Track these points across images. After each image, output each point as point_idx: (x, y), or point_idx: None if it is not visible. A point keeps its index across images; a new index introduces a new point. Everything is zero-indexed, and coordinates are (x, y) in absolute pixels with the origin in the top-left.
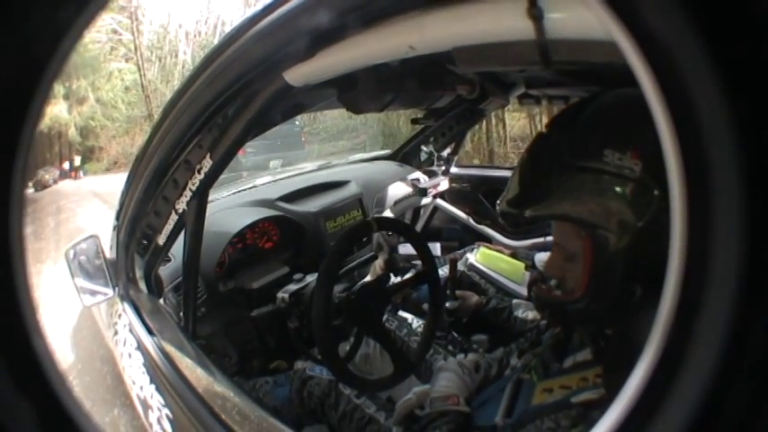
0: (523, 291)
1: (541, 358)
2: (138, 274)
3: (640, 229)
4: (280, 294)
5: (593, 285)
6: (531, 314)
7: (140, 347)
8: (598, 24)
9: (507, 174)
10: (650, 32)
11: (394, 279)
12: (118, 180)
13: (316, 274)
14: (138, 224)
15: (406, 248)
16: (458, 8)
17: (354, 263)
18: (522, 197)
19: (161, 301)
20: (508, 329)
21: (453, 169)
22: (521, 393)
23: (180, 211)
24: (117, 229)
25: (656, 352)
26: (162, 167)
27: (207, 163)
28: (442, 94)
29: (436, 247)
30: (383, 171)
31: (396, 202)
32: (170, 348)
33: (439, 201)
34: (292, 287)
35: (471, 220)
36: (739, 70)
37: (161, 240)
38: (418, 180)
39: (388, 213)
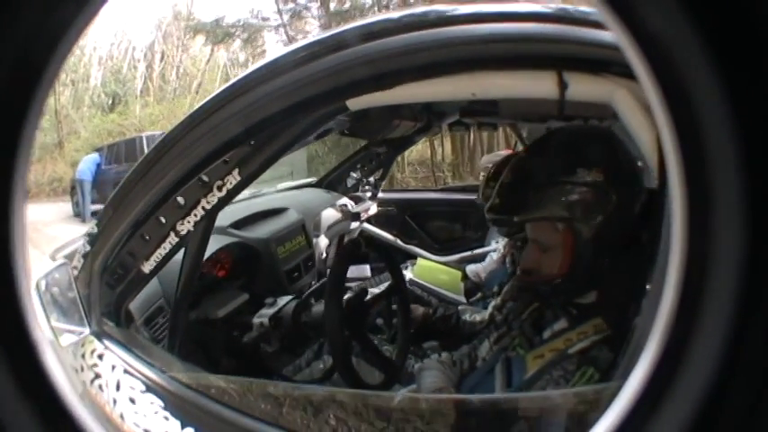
0: (463, 299)
1: (523, 335)
2: (105, 307)
3: (602, 221)
4: (256, 320)
5: (571, 266)
6: (479, 316)
7: (153, 389)
8: (597, 94)
9: (431, 196)
10: (650, 32)
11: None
12: (29, 210)
13: (287, 298)
14: (121, 251)
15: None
16: (510, 73)
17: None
18: (511, 206)
19: None
20: (457, 333)
21: (380, 194)
22: (513, 367)
23: (183, 232)
24: (90, 256)
25: (657, 351)
26: (170, 187)
27: (232, 179)
28: (399, 124)
29: (366, 269)
30: (314, 198)
31: (329, 228)
32: (198, 383)
33: (365, 225)
34: (268, 311)
35: (399, 241)
36: (739, 69)
37: (146, 268)
38: (345, 206)
39: (323, 239)
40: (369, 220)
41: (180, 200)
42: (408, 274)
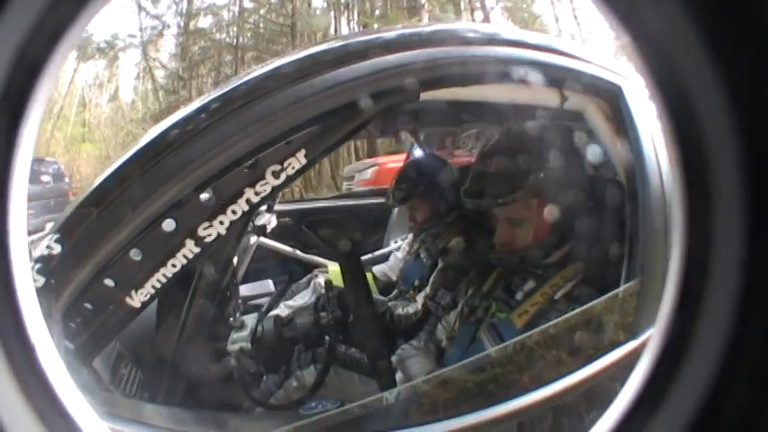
0: (381, 297)
1: (499, 300)
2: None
3: (567, 195)
4: (233, 346)
5: (545, 235)
6: (411, 309)
7: None
8: (577, 106)
9: (325, 204)
10: (650, 35)
11: None
12: None
13: (252, 317)
14: (96, 280)
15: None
16: (534, 88)
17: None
18: (493, 193)
19: None
20: (394, 328)
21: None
22: (501, 330)
23: (210, 238)
24: (49, 291)
25: (656, 351)
26: (196, 184)
27: (296, 163)
28: None
29: (269, 284)
30: None
31: None
32: None
33: (261, 239)
34: (242, 334)
35: (298, 252)
36: (741, 71)
37: (137, 299)
38: None
39: None
40: (265, 234)
41: (206, 197)
42: (321, 281)
